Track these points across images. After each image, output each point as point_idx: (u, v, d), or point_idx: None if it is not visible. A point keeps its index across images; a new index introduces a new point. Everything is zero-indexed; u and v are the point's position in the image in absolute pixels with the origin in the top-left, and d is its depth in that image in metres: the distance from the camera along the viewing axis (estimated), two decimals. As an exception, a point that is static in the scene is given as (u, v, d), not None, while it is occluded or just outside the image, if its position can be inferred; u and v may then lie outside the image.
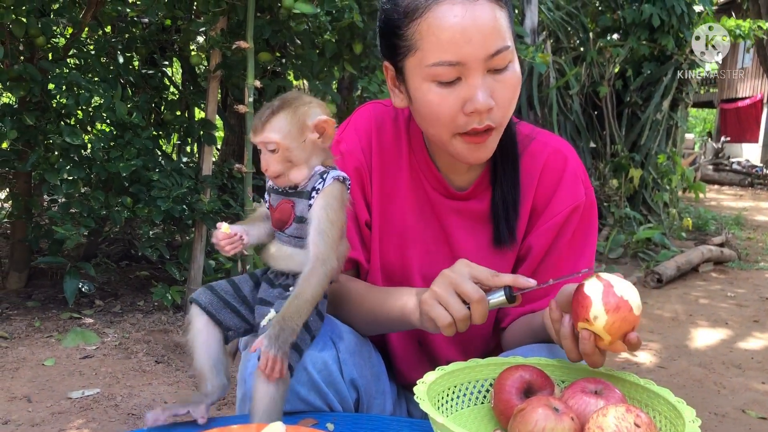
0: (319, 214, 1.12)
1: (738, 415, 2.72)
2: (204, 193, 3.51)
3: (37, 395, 2.59)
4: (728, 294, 4.91)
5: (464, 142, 1.19)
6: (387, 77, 1.28)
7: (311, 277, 1.10)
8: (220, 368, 1.19)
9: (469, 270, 1.10)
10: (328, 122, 1.15)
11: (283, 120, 1.13)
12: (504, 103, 1.16)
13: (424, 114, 1.20)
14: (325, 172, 1.15)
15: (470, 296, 1.07)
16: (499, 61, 1.13)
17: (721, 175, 14.63)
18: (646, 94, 7.28)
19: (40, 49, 3.39)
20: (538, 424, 0.92)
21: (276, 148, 1.13)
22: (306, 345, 1.14)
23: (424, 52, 1.14)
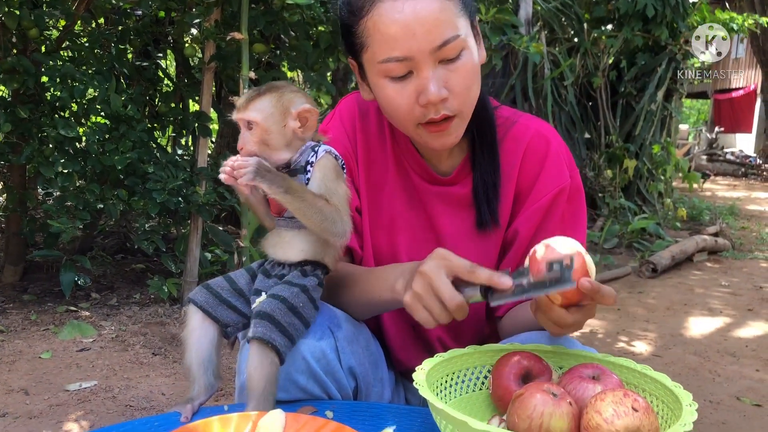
0: (318, 185, 1.13)
1: (733, 403, 2.74)
2: (199, 185, 3.50)
3: (35, 388, 2.59)
4: (722, 283, 4.94)
5: (427, 132, 1.20)
6: (354, 72, 1.30)
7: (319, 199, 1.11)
8: (208, 367, 1.20)
9: (446, 264, 1.08)
10: (311, 112, 1.16)
11: (267, 102, 1.14)
12: (460, 91, 1.17)
13: (385, 107, 1.23)
14: (317, 145, 1.16)
15: (447, 303, 1.06)
16: (448, 52, 1.14)
17: (714, 166, 14.68)
18: (640, 85, 7.30)
19: (33, 41, 3.37)
20: (536, 409, 0.93)
21: (255, 128, 1.13)
22: (298, 332, 1.14)
23: (374, 49, 1.16)
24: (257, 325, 1.08)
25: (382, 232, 1.39)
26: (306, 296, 1.15)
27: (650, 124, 7.27)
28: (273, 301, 1.11)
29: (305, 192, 1.12)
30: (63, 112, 3.49)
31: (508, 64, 6.65)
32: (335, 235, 1.14)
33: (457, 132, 1.22)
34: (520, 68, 6.57)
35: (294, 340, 1.13)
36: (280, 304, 1.10)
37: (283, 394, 1.17)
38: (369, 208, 1.39)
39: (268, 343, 1.07)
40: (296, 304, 1.12)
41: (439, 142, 1.22)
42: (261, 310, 1.09)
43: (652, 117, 7.26)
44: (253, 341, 1.07)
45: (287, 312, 1.11)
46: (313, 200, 1.11)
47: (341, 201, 1.15)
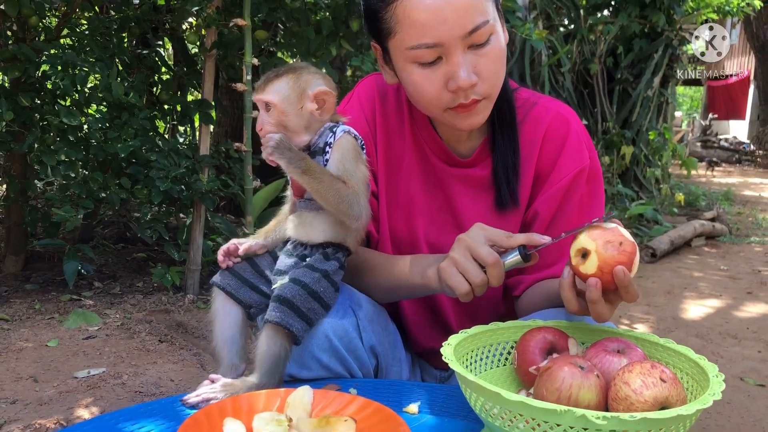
0: (336, 166, 1.13)
1: (737, 383, 2.77)
2: (202, 173, 3.50)
3: (43, 375, 2.59)
4: (721, 267, 4.97)
5: (454, 113, 1.21)
6: (377, 56, 1.30)
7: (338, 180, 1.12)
8: (231, 348, 1.21)
9: (484, 233, 1.12)
10: (328, 94, 1.16)
11: (285, 83, 1.15)
12: (489, 76, 1.17)
13: (411, 93, 1.23)
14: (335, 126, 1.16)
15: (485, 260, 1.09)
16: (478, 37, 1.14)
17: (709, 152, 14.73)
18: (636, 71, 7.30)
19: (33, 29, 3.35)
20: (565, 382, 0.94)
21: (273, 109, 1.14)
22: (317, 316, 1.15)
23: (403, 36, 1.15)
24: (275, 309, 1.10)
25: (400, 214, 1.39)
26: (327, 281, 1.16)
27: (647, 111, 7.29)
28: (294, 286, 1.12)
29: (323, 173, 1.12)
30: (65, 101, 3.47)
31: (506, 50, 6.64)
32: (352, 217, 1.14)
33: (484, 112, 1.22)
34: (518, 55, 6.57)
35: (312, 323, 1.15)
36: (300, 290, 1.11)
37: (306, 372, 1.19)
38: (387, 190, 1.40)
39: (285, 328, 1.08)
40: (317, 290, 1.13)
41: (466, 122, 1.22)
42: (281, 295, 1.11)
43: (649, 103, 7.28)
44: (269, 324, 1.08)
45: (307, 297, 1.12)
46: (330, 182, 1.12)
47: (359, 183, 1.15)
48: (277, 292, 1.10)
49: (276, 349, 1.11)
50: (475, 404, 0.93)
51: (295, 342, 1.11)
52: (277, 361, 1.11)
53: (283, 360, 1.12)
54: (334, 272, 1.17)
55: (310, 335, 1.16)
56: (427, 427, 1.06)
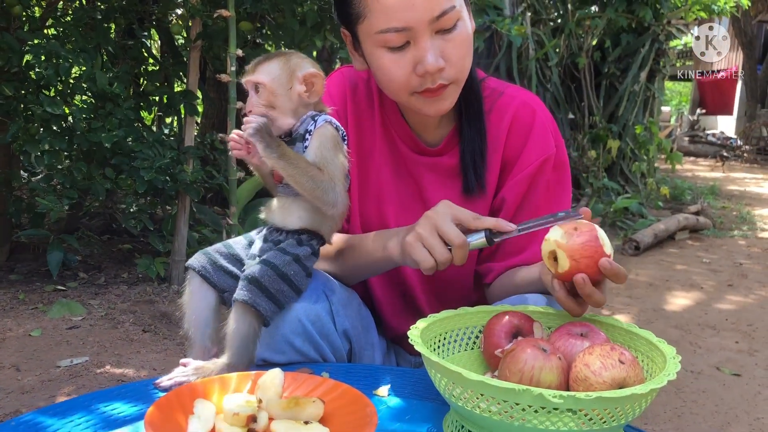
0: (314, 154, 1.15)
1: (713, 372, 2.81)
2: (187, 163, 3.50)
3: (26, 364, 2.60)
4: (703, 260, 5.02)
5: (423, 98, 1.23)
6: (346, 42, 1.31)
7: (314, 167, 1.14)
8: (204, 331, 1.22)
9: (451, 211, 1.14)
10: (317, 76, 1.18)
11: (275, 65, 1.17)
12: (456, 60, 1.20)
13: (380, 78, 1.25)
14: (317, 115, 1.18)
15: (452, 241, 1.11)
16: (445, 22, 1.17)
17: (696, 147, 14.82)
18: (623, 66, 7.34)
19: (16, 18, 3.34)
20: (527, 363, 0.96)
21: (262, 90, 1.16)
22: (287, 298, 1.17)
23: (372, 20, 1.17)
24: (243, 288, 1.12)
25: (371, 202, 1.42)
26: (298, 265, 1.17)
27: (633, 105, 7.33)
28: (263, 267, 1.13)
29: (299, 159, 1.14)
30: (48, 91, 3.47)
31: (493, 44, 6.66)
32: (327, 204, 1.16)
33: (451, 98, 1.25)
34: (505, 49, 6.60)
35: (282, 305, 1.16)
36: (269, 270, 1.13)
37: (280, 357, 1.20)
38: (358, 179, 1.42)
39: (252, 307, 1.10)
40: (287, 272, 1.15)
41: (434, 108, 1.24)
42: (249, 274, 1.13)
43: (636, 98, 7.33)
44: (237, 303, 1.10)
45: (276, 278, 1.13)
46: (306, 168, 1.13)
47: (336, 171, 1.16)
48: (247, 273, 1.12)
49: (245, 329, 1.13)
50: (439, 385, 0.96)
51: (264, 323, 1.13)
52: (246, 341, 1.13)
53: (252, 340, 1.14)
54: (306, 257, 1.19)
55: (283, 319, 1.18)
56: (395, 409, 1.09)
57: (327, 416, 0.98)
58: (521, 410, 0.87)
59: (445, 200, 1.17)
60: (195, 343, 1.22)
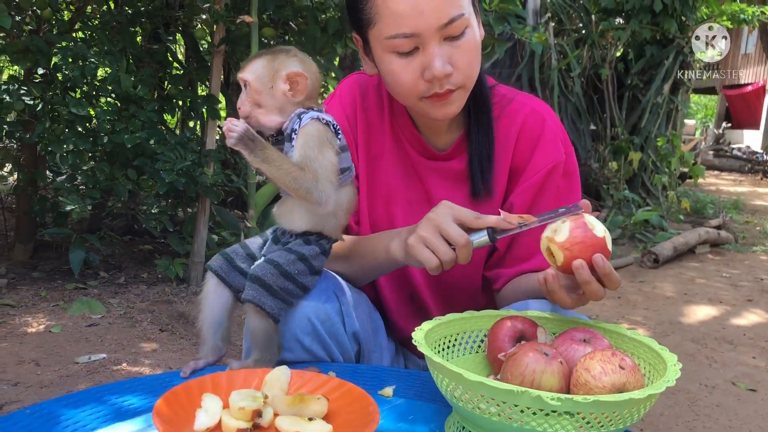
0: (298, 152, 1.16)
1: (728, 387, 2.79)
2: (207, 166, 3.55)
3: (45, 360, 2.65)
4: (723, 274, 4.97)
5: (430, 102, 1.25)
6: (358, 47, 1.34)
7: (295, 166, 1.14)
8: (217, 330, 1.25)
9: (452, 212, 1.16)
10: (300, 75, 1.19)
11: (259, 63, 1.19)
12: (463, 67, 1.22)
13: (389, 82, 1.28)
14: (304, 113, 1.19)
15: (455, 240, 1.13)
16: (453, 29, 1.19)
17: (721, 161, 14.66)
18: (647, 78, 7.31)
19: (46, 21, 3.42)
20: (528, 367, 0.98)
21: (249, 87, 1.19)
22: (293, 296, 1.19)
23: (381, 26, 1.20)
24: (249, 288, 1.15)
25: (380, 204, 1.44)
26: (303, 264, 1.19)
27: (656, 117, 7.29)
28: (266, 265, 1.16)
29: (282, 161, 1.14)
30: (74, 92, 3.54)
31: (515, 54, 6.68)
32: (314, 203, 1.15)
33: (458, 102, 1.27)
34: (527, 59, 6.60)
35: (289, 302, 1.18)
36: (272, 269, 1.15)
37: (288, 355, 1.23)
38: (367, 183, 1.44)
39: (258, 306, 1.13)
40: (290, 270, 1.17)
41: (441, 111, 1.26)
42: (253, 274, 1.15)
43: (658, 110, 7.28)
44: (247, 303, 1.13)
45: (279, 276, 1.16)
46: (288, 169, 1.13)
47: (321, 168, 1.15)
48: (251, 272, 1.15)
49: (261, 326, 1.16)
50: (440, 385, 0.97)
51: (274, 320, 1.15)
52: (267, 336, 1.16)
53: (272, 334, 1.16)
54: (313, 256, 1.21)
55: (293, 318, 1.21)
56: (399, 409, 1.10)
57: (330, 413, 1.01)
58: (520, 412, 0.89)
59: (446, 201, 1.18)
60: (207, 342, 1.25)
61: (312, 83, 1.21)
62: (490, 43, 4.10)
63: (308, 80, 1.20)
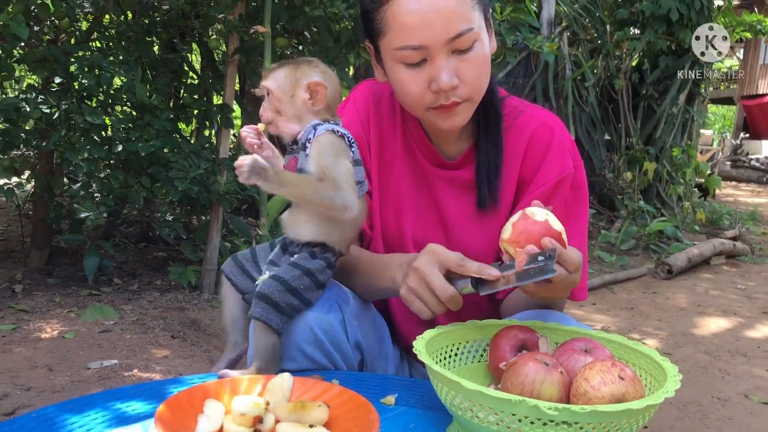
0: (314, 162, 1.19)
1: (740, 400, 2.76)
2: (221, 174, 3.58)
3: (58, 365, 2.68)
4: (739, 286, 4.92)
5: (436, 113, 1.27)
6: (370, 55, 1.36)
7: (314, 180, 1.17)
8: (235, 327, 1.32)
9: (437, 259, 1.16)
10: (320, 85, 1.22)
11: (282, 72, 1.23)
12: (470, 80, 1.23)
13: (397, 91, 1.30)
14: (319, 124, 1.22)
15: (440, 295, 1.14)
16: (461, 43, 1.20)
17: (739, 172, 14.52)
18: (662, 88, 7.28)
19: (63, 31, 3.48)
20: (528, 377, 0.98)
21: (270, 95, 1.23)
22: (294, 310, 1.21)
23: (391, 37, 1.22)
24: (256, 305, 1.18)
25: (390, 212, 1.45)
26: (309, 279, 1.21)
27: (671, 127, 7.25)
28: (273, 282, 1.18)
29: (299, 179, 1.18)
30: (90, 101, 3.59)
31: (530, 64, 6.68)
32: (338, 210, 1.18)
33: (465, 114, 1.28)
34: (541, 69, 6.60)
35: (292, 317, 1.21)
36: (279, 286, 1.17)
37: (291, 364, 1.24)
38: (379, 189, 1.45)
39: (265, 323, 1.15)
40: (296, 286, 1.19)
41: (447, 123, 1.28)
42: (260, 291, 1.18)
43: (674, 120, 7.24)
44: (254, 320, 1.16)
45: (285, 293, 1.18)
46: (307, 184, 1.17)
47: (340, 175, 1.18)
48: (258, 289, 1.18)
49: (265, 341, 1.18)
50: (440, 393, 0.98)
51: (278, 334, 1.17)
52: (272, 350, 1.19)
53: (276, 348, 1.19)
54: (319, 271, 1.22)
55: (296, 327, 1.22)
56: (401, 417, 1.11)
57: (331, 420, 1.01)
58: (518, 421, 0.89)
59: (430, 246, 1.18)
60: (229, 338, 1.31)
61: (332, 94, 1.25)
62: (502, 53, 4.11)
63: (328, 90, 1.23)
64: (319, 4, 3.43)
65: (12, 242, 4.54)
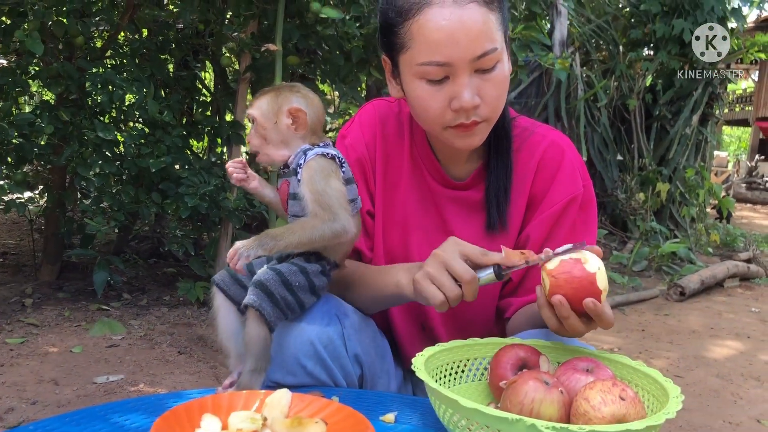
0: (307, 188, 1.19)
1: (752, 425, 2.71)
2: (230, 191, 3.60)
3: (64, 379, 2.68)
4: (753, 309, 4.86)
5: (454, 132, 1.25)
6: (385, 69, 1.35)
7: (308, 222, 1.18)
8: (238, 339, 1.28)
9: (459, 248, 1.16)
10: (300, 111, 1.23)
11: (264, 100, 1.25)
12: (490, 100, 1.22)
13: (415, 107, 1.28)
14: (309, 149, 1.22)
15: (461, 276, 1.13)
16: (485, 63, 1.19)
17: (754, 194, 14.42)
18: (675, 109, 7.25)
19: (78, 48, 3.52)
20: (527, 396, 0.97)
21: (255, 123, 1.24)
22: (291, 309, 1.20)
23: (415, 52, 1.20)
24: (251, 293, 1.16)
25: (396, 231, 1.44)
26: (304, 277, 1.21)
27: (684, 148, 7.22)
28: (269, 272, 1.18)
29: (293, 227, 1.19)
30: (103, 117, 3.62)
31: (542, 84, 6.68)
32: (338, 236, 1.20)
33: (482, 134, 1.27)
34: (554, 89, 6.60)
35: (286, 314, 1.19)
36: (275, 276, 1.17)
37: (291, 378, 1.23)
38: (384, 209, 1.45)
39: (257, 311, 1.14)
40: (291, 281, 1.19)
41: (464, 142, 1.27)
42: (256, 279, 1.17)
43: (687, 141, 7.21)
44: (248, 309, 1.15)
45: (280, 284, 1.17)
46: (302, 229, 1.18)
47: (332, 199, 1.20)
48: (255, 278, 1.17)
49: (260, 333, 1.16)
50: (438, 411, 0.97)
51: (270, 328, 1.16)
52: (263, 344, 1.16)
53: (268, 343, 1.17)
54: (314, 273, 1.22)
55: (295, 341, 1.21)
56: (399, 436, 1.10)
57: (328, 437, 1.00)
58: (515, 440, 0.88)
59: (453, 237, 1.19)
60: (231, 352, 1.27)
61: (313, 118, 1.26)
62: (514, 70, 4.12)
63: (308, 115, 1.24)
64: (331, 24, 3.46)
65: (24, 256, 4.58)
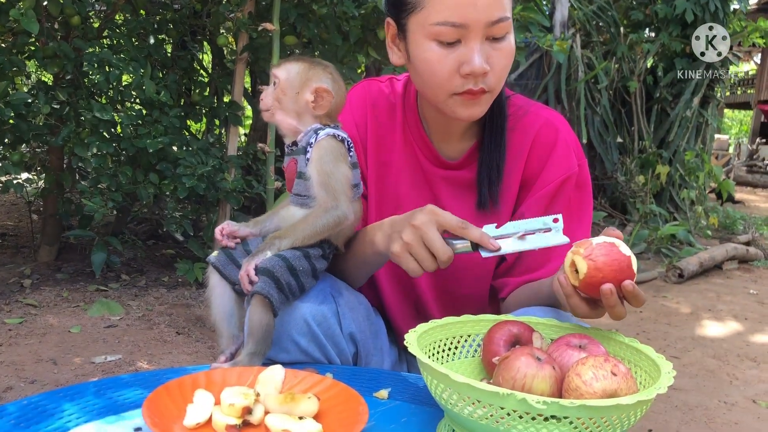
0: (315, 168, 1.20)
1: (748, 405, 2.73)
2: (228, 172, 3.59)
3: (62, 359, 2.69)
4: (750, 291, 4.87)
5: (459, 100, 1.24)
6: (387, 34, 1.33)
7: (311, 215, 1.19)
8: (230, 320, 1.29)
9: (436, 218, 1.15)
10: (326, 92, 1.22)
11: (295, 67, 1.23)
12: (498, 70, 1.22)
13: (422, 72, 1.25)
14: (321, 128, 1.21)
15: (438, 254, 1.14)
16: (498, 30, 1.19)
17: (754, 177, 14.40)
18: (676, 91, 7.22)
19: (74, 28, 3.50)
20: (519, 371, 0.96)
21: (277, 85, 1.23)
22: (294, 294, 1.21)
23: (430, 11, 1.19)
24: (260, 281, 1.16)
25: (388, 211, 1.44)
26: (307, 262, 1.21)
27: (685, 131, 7.19)
28: (276, 258, 1.18)
29: (297, 226, 1.20)
30: (100, 97, 3.60)
31: (542, 66, 6.65)
32: (341, 224, 1.21)
33: (485, 105, 1.26)
34: (554, 71, 6.57)
35: (289, 298, 1.20)
36: (281, 263, 1.17)
37: (285, 355, 1.23)
38: (376, 189, 1.44)
39: (265, 297, 1.14)
40: (296, 266, 1.19)
41: (468, 111, 1.26)
42: (263, 266, 1.17)
43: (687, 123, 7.19)
44: (255, 295, 1.14)
45: (286, 271, 1.17)
46: (304, 224, 1.20)
47: (338, 184, 1.20)
48: (261, 265, 1.16)
49: (265, 319, 1.17)
50: (430, 386, 0.97)
51: (274, 313, 1.16)
52: (267, 329, 1.17)
53: (271, 328, 1.18)
54: (315, 257, 1.22)
55: (289, 319, 1.21)
56: (393, 411, 1.10)
57: (321, 413, 1.01)
58: (506, 415, 0.88)
59: (431, 205, 1.17)
60: (223, 333, 1.28)
61: (336, 103, 1.25)
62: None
63: (333, 100, 1.23)
64: (327, 3, 3.43)
65: (22, 237, 4.58)
